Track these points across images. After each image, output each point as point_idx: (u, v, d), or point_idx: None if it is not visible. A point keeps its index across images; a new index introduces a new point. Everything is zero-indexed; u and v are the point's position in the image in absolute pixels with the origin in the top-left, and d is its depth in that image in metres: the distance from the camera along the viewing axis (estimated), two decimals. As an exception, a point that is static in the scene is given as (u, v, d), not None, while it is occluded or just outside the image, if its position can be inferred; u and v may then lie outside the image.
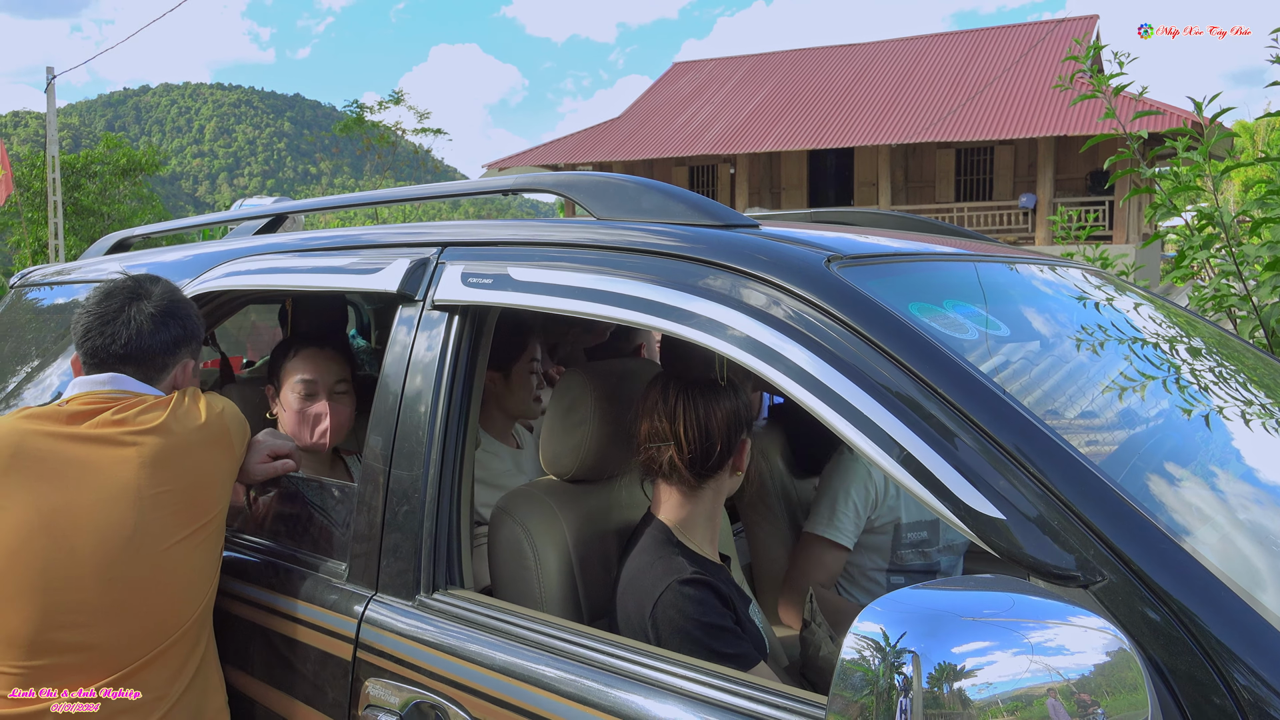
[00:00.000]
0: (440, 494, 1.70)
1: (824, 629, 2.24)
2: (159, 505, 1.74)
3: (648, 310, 1.50)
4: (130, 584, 1.70)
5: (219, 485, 1.86)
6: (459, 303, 1.75)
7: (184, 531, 1.76)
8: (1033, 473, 1.17)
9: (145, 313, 1.91)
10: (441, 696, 1.54)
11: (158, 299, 1.94)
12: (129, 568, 1.70)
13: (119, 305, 1.91)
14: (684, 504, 1.84)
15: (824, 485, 2.47)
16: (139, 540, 1.71)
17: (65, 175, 25.99)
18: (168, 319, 1.93)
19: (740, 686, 1.29)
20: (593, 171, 1.85)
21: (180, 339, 1.95)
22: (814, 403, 1.31)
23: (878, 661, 0.96)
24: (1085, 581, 1.10)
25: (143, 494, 1.73)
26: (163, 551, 1.73)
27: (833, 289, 1.38)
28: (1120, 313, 2.03)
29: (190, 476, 1.79)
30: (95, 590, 1.67)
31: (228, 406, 1.94)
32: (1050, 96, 22.53)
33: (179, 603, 1.76)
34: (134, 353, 1.88)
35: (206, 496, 1.82)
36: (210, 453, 1.84)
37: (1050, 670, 0.98)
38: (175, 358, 1.95)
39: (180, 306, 1.98)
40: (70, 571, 1.67)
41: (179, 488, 1.77)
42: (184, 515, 1.77)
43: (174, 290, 2.01)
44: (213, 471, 1.84)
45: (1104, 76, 3.86)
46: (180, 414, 1.83)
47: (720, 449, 1.80)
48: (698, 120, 26.94)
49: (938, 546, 2.48)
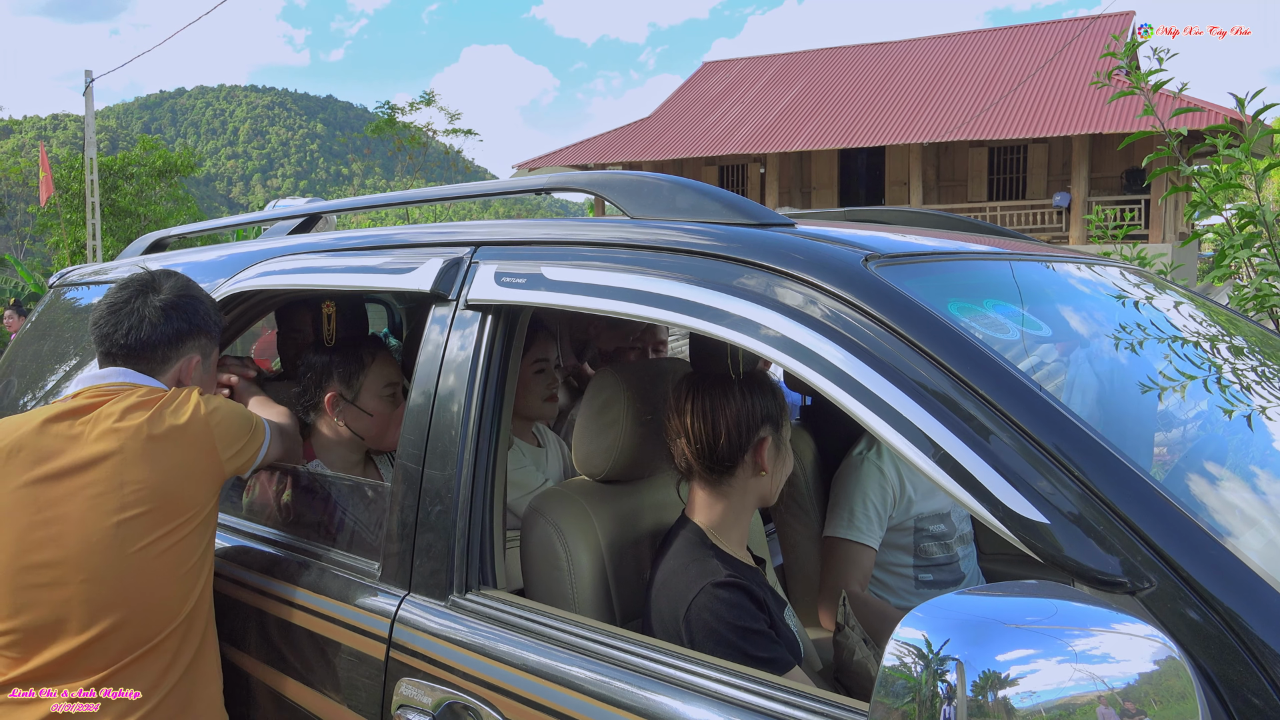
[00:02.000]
0: (473, 494, 1.69)
1: (858, 632, 2.22)
2: (137, 503, 1.75)
3: (682, 310, 1.49)
4: (112, 583, 1.72)
5: (197, 487, 1.83)
6: (492, 302, 1.75)
7: (159, 531, 1.76)
8: (1076, 475, 1.15)
9: (152, 305, 1.93)
10: (474, 697, 1.53)
11: (168, 292, 1.96)
12: (111, 566, 1.72)
13: (129, 297, 1.94)
14: (713, 505, 1.83)
15: (839, 488, 2.46)
16: (120, 539, 1.72)
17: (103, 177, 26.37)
18: (173, 312, 1.94)
19: (775, 690, 1.28)
20: (627, 170, 1.83)
21: (184, 333, 1.95)
22: (850, 402, 1.30)
23: (920, 669, 0.94)
24: (1132, 588, 1.07)
25: (124, 492, 1.74)
26: (139, 550, 1.74)
27: (870, 288, 1.36)
28: (1162, 312, 2.00)
29: (164, 476, 1.78)
30: (81, 587, 1.70)
31: (221, 408, 1.91)
32: (1085, 94, 22.26)
33: (160, 602, 1.77)
34: (135, 344, 1.90)
35: (183, 498, 1.80)
36: (187, 454, 1.82)
37: (1095, 679, 0.96)
38: (178, 351, 1.95)
39: (189, 302, 1.98)
40: (58, 567, 1.70)
41: (154, 487, 1.77)
42: (159, 515, 1.77)
43: (188, 286, 2.01)
44: (189, 473, 1.82)
45: (1143, 73, 3.80)
46: (164, 413, 1.83)
47: (727, 443, 1.79)
48: (728, 120, 26.87)
49: (955, 537, 2.47)
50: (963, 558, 2.48)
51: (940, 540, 2.44)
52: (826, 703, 1.24)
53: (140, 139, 34.59)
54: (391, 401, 2.44)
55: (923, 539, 2.43)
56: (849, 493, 2.41)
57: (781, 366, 1.38)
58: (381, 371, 2.43)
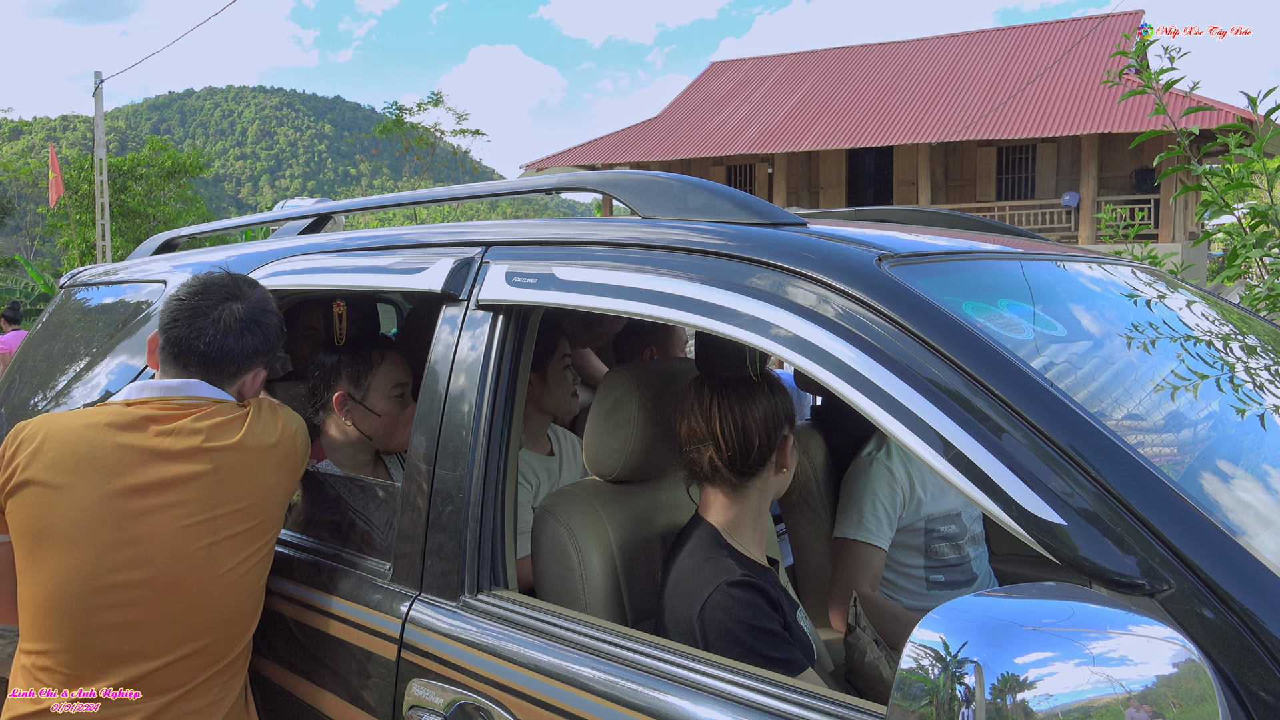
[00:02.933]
0: (484, 494, 1.69)
1: (869, 634, 2.21)
2: (229, 526, 1.72)
3: (695, 310, 1.48)
4: (204, 605, 1.69)
5: (280, 505, 1.84)
6: (503, 302, 1.75)
7: (246, 551, 1.75)
8: (1093, 476, 1.14)
9: (235, 315, 1.86)
10: (486, 698, 1.53)
11: (251, 304, 1.90)
12: (202, 589, 1.68)
13: (213, 302, 1.86)
14: (730, 505, 1.83)
15: (848, 489, 2.45)
16: (211, 561, 1.69)
17: (112, 178, 26.47)
18: (253, 326, 1.88)
19: (788, 692, 1.27)
20: (639, 170, 1.83)
21: (259, 349, 1.90)
22: (864, 402, 1.29)
23: (938, 671, 0.93)
24: (1150, 590, 1.06)
25: (217, 511, 1.71)
26: (228, 572, 1.72)
27: (884, 288, 1.36)
28: (1178, 311, 1.98)
29: (258, 495, 1.77)
30: (168, 609, 1.66)
31: (300, 426, 1.92)
32: (1094, 93, 22.19)
33: (241, 620, 1.77)
34: (214, 353, 1.83)
35: (270, 518, 1.81)
36: (277, 474, 1.82)
37: (1113, 681, 0.95)
38: (249, 366, 1.90)
39: (268, 316, 1.92)
40: (142, 588, 1.65)
41: (248, 506, 1.75)
42: (248, 536, 1.75)
43: (267, 299, 1.95)
44: (278, 492, 1.82)
45: (1152, 73, 3.78)
46: (256, 430, 1.81)
47: (759, 446, 1.79)
48: (735, 120, 26.85)
49: (967, 537, 2.46)
50: (974, 558, 2.48)
51: (952, 541, 2.44)
52: (840, 704, 1.23)
53: (149, 140, 34.74)
54: (400, 402, 2.43)
55: (934, 540, 2.43)
56: (858, 494, 2.41)
57: (794, 366, 1.37)
58: (390, 372, 2.42)
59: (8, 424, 2.69)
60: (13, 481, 1.68)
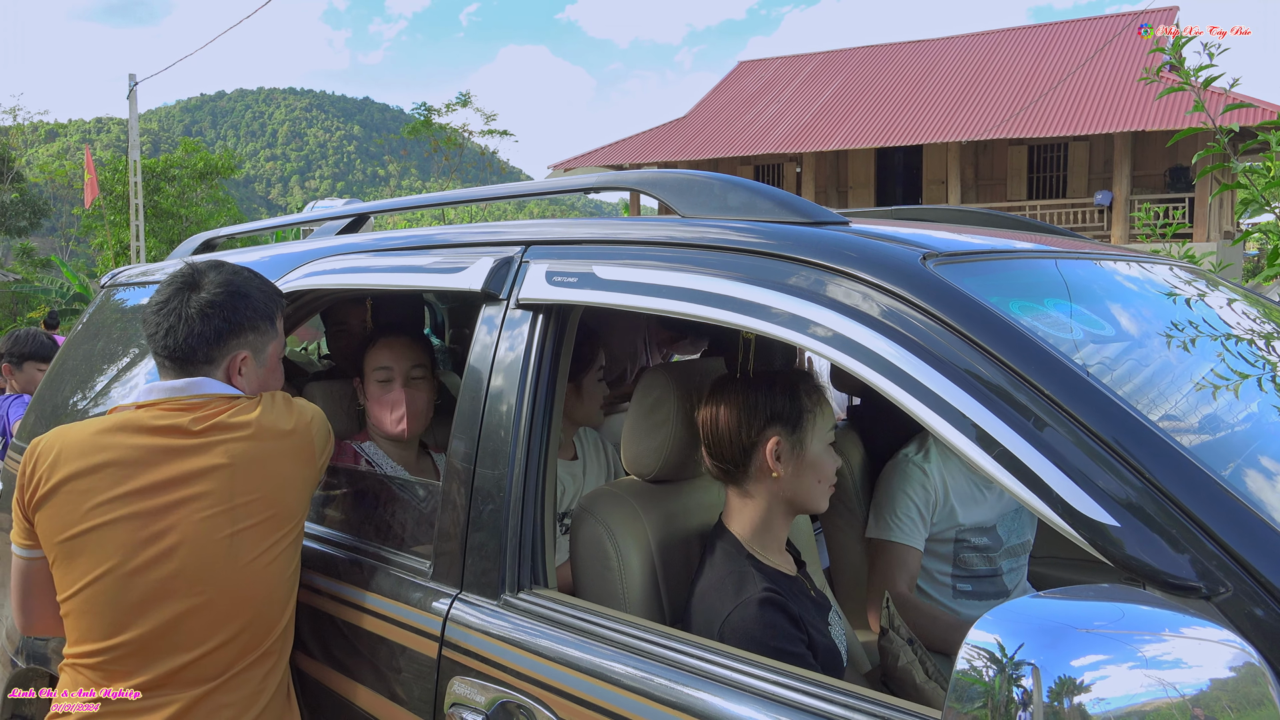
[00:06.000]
0: (525, 492, 1.69)
1: (903, 635, 2.20)
2: (250, 514, 1.74)
3: (736, 308, 1.48)
4: (230, 595, 1.71)
5: (300, 495, 1.84)
6: (543, 301, 1.75)
7: (269, 540, 1.76)
8: (1147, 477, 1.12)
9: (193, 305, 1.82)
10: (528, 696, 1.53)
11: (210, 289, 1.85)
12: (228, 579, 1.71)
13: (169, 295, 1.85)
14: (743, 510, 1.81)
15: (882, 489, 2.44)
16: (234, 552, 1.71)
17: (146, 179, 26.79)
18: (212, 311, 1.82)
19: (831, 692, 1.26)
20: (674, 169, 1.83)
21: (224, 332, 1.83)
22: (909, 400, 1.28)
23: (993, 673, 0.92)
24: (1207, 592, 1.05)
25: (235, 501, 1.72)
26: (252, 561, 1.73)
27: (930, 287, 1.34)
28: (1220, 310, 1.96)
29: (275, 483, 1.78)
30: (197, 600, 1.68)
31: (317, 416, 1.91)
32: (1128, 91, 21.94)
33: (271, 609, 1.78)
34: (175, 346, 1.81)
35: (290, 506, 1.81)
36: (293, 463, 1.82)
37: (1166, 685, 0.94)
38: (223, 350, 1.84)
39: (232, 298, 1.85)
40: (171, 581, 1.68)
41: (265, 495, 1.76)
42: (270, 525, 1.76)
43: (232, 280, 1.88)
44: (295, 481, 1.82)
45: (1189, 70, 3.72)
46: (269, 419, 1.81)
47: (730, 442, 1.78)
48: (763, 119, 26.78)
49: (1001, 550, 2.43)
50: (1008, 571, 2.44)
51: (983, 553, 2.41)
52: (881, 704, 1.22)
53: (182, 141, 35.11)
54: (383, 386, 2.46)
55: (963, 549, 2.40)
56: (892, 494, 2.39)
57: (836, 364, 1.36)
58: (374, 355, 2.48)
59: (47, 424, 2.72)
60: (37, 495, 1.71)
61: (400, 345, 2.49)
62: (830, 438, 1.83)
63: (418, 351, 2.51)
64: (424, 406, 2.49)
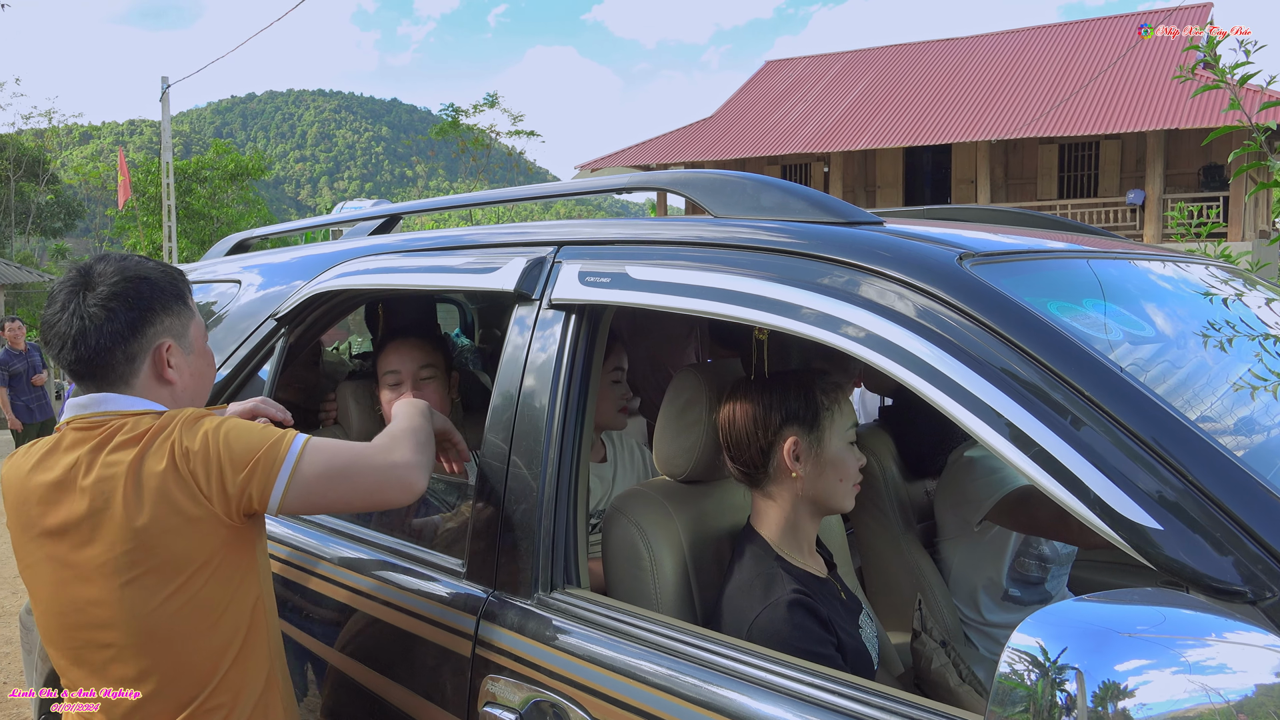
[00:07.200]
0: (558, 492, 1.70)
1: (936, 637, 2.18)
2: (134, 564, 1.53)
3: (770, 308, 1.47)
4: (142, 643, 1.57)
5: (194, 538, 1.55)
6: (576, 301, 1.75)
7: (166, 590, 1.54)
8: (1189, 478, 1.11)
9: (90, 305, 1.60)
10: (561, 696, 1.53)
11: (104, 282, 1.62)
12: (134, 627, 1.55)
13: (62, 303, 1.62)
14: (768, 512, 1.81)
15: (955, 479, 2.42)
16: (130, 600, 1.54)
17: (177, 180, 27.10)
18: (116, 303, 1.60)
19: (870, 695, 1.26)
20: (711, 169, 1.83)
21: (136, 322, 1.61)
22: (945, 400, 1.27)
23: (1036, 677, 0.91)
24: (1253, 597, 1.03)
25: (117, 552, 1.53)
26: (152, 612, 1.54)
27: (967, 287, 1.34)
28: (1264, 310, 1.93)
29: (153, 531, 1.52)
30: (121, 644, 1.57)
31: (208, 436, 1.56)
32: (1160, 88, 21.69)
33: (188, 662, 1.58)
34: (87, 355, 1.59)
35: (179, 552, 1.54)
36: (171, 504, 1.53)
37: (1209, 690, 0.93)
38: (140, 345, 1.62)
39: (132, 284, 1.62)
40: (98, 627, 1.57)
41: (146, 545, 1.52)
42: (161, 574, 1.54)
43: (123, 266, 1.65)
44: (177, 525, 1.53)
45: (1224, 68, 3.67)
46: (145, 456, 1.55)
47: (747, 443, 1.77)
48: (791, 118, 26.69)
49: (1056, 558, 2.41)
50: (1053, 578, 2.43)
51: (1041, 561, 2.39)
52: (919, 708, 1.22)
53: (213, 143, 35.48)
54: (394, 390, 2.47)
55: (1026, 554, 2.38)
56: (968, 471, 2.36)
57: (872, 366, 1.35)
58: (385, 359, 2.50)
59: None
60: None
61: (407, 347, 2.50)
62: (851, 436, 1.82)
63: (426, 352, 2.51)
64: (435, 406, 2.49)
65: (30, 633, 3.09)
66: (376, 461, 1.64)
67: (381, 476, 1.63)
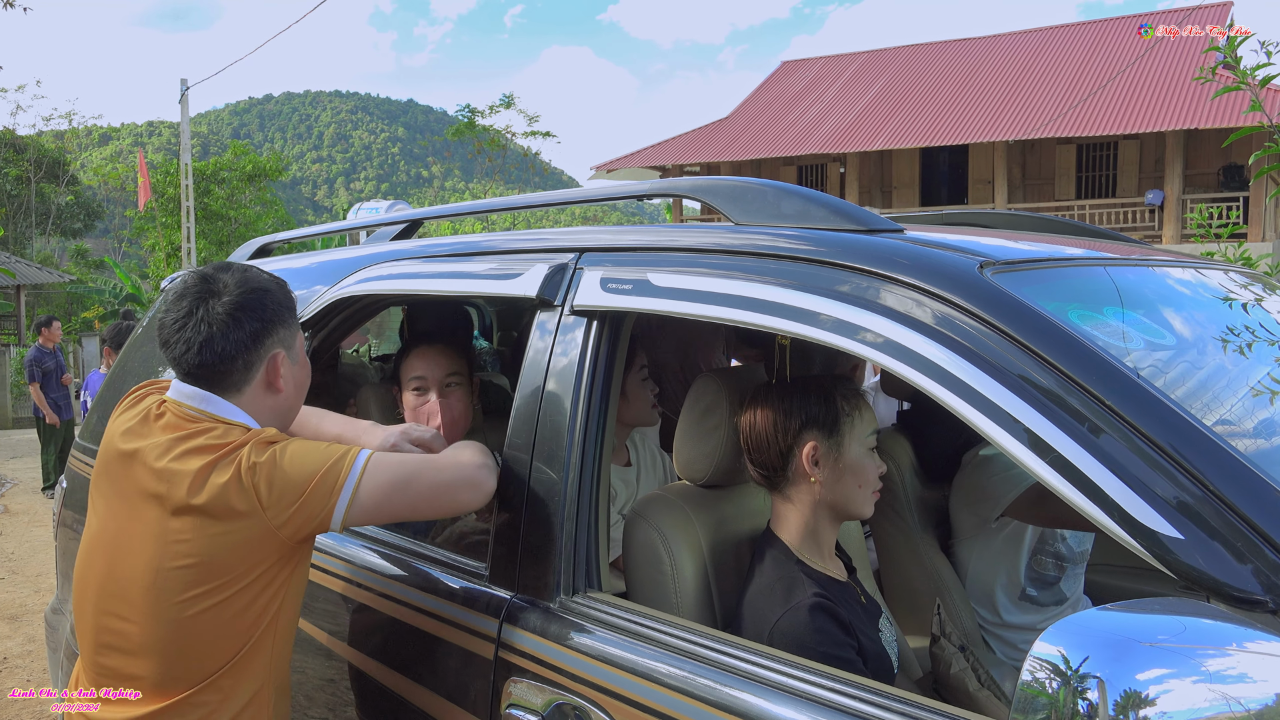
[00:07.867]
0: (580, 497, 1.71)
1: (954, 641, 2.19)
2: (176, 556, 1.59)
3: (790, 316, 1.49)
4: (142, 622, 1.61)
5: (244, 554, 1.60)
6: (598, 308, 1.77)
7: (195, 590, 1.59)
8: (1208, 485, 1.12)
9: (218, 312, 1.68)
10: (584, 699, 1.55)
11: (231, 291, 1.71)
12: (154, 611, 1.60)
13: (190, 307, 1.70)
14: (788, 516, 1.82)
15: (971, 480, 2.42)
16: (156, 590, 1.60)
17: (196, 181, 27.26)
18: (242, 314, 1.69)
19: (892, 701, 1.27)
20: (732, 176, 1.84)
21: (259, 333, 1.71)
22: (962, 406, 1.28)
23: (1058, 685, 0.92)
24: (1275, 606, 1.04)
25: (166, 540, 1.60)
26: (176, 603, 1.59)
27: (988, 295, 1.34)
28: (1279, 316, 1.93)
29: (205, 539, 1.59)
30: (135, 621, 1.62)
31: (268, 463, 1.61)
32: (1180, 88, 21.56)
33: (180, 664, 1.61)
34: (211, 360, 1.68)
35: (224, 563, 1.60)
36: (225, 522, 1.59)
37: (1230, 699, 0.94)
38: (259, 354, 1.71)
39: (257, 295, 1.72)
40: (117, 598, 1.63)
41: (196, 548, 1.59)
42: (198, 573, 1.59)
43: (248, 277, 1.75)
44: (229, 542, 1.60)
45: (1245, 70, 3.65)
46: (211, 472, 1.61)
47: (768, 447, 1.79)
48: (807, 119, 26.66)
49: (1072, 557, 2.42)
50: (1069, 578, 2.43)
51: (1058, 559, 2.39)
52: (939, 713, 1.22)
53: (231, 144, 35.69)
54: (416, 395, 2.45)
55: (1043, 553, 2.38)
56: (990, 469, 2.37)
57: (899, 377, 1.36)
58: (408, 364, 2.49)
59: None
60: None
61: (434, 354, 2.47)
62: (871, 442, 1.83)
63: (452, 359, 2.49)
64: (460, 414, 2.48)
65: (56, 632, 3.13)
66: (443, 463, 1.74)
67: (450, 476, 1.72)
